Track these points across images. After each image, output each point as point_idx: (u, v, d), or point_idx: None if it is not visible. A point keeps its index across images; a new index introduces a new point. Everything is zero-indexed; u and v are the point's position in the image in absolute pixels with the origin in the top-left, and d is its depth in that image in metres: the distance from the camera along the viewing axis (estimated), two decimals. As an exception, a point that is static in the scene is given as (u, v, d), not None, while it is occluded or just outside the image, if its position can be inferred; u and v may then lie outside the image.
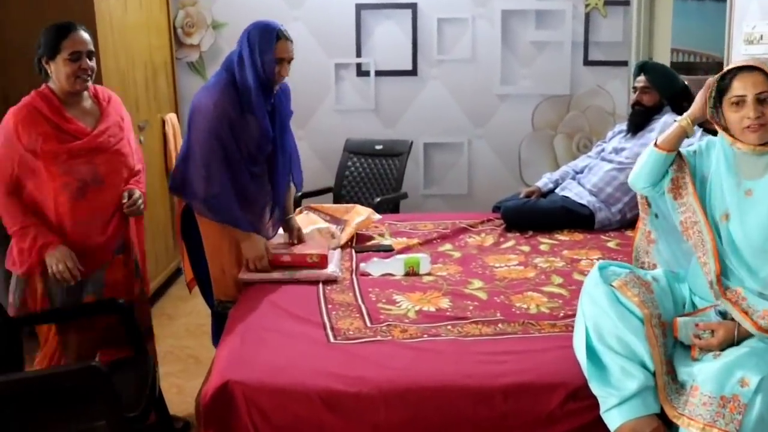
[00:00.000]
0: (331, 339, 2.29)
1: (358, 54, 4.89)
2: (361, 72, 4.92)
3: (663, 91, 3.62)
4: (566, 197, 3.69)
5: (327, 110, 4.95)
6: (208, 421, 2.01)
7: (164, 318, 4.05)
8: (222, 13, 4.80)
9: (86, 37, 2.55)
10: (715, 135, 2.27)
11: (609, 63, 4.94)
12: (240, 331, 2.33)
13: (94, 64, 2.59)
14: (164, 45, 4.55)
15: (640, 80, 3.65)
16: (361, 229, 3.50)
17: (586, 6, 4.85)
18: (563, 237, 3.45)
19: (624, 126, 3.83)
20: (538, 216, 3.59)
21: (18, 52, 3.51)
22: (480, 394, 2.00)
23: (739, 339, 1.97)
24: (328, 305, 2.58)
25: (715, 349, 1.97)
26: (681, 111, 3.61)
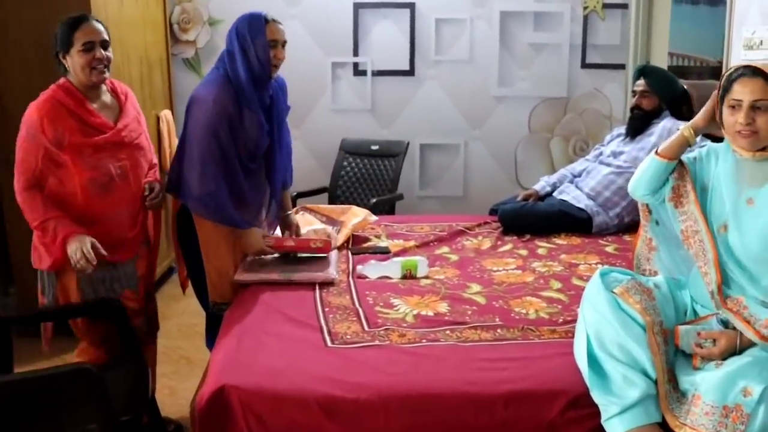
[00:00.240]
0: (329, 343, 2.26)
1: (355, 53, 4.86)
2: (357, 71, 4.89)
3: (662, 96, 3.61)
4: (564, 201, 3.67)
5: (323, 109, 4.92)
6: (203, 427, 1.97)
7: (156, 317, 4.00)
8: (218, 9, 4.75)
9: (99, 27, 2.52)
10: (715, 141, 2.25)
11: (606, 66, 4.93)
12: (236, 334, 2.30)
13: (111, 53, 2.56)
14: (160, 41, 4.51)
15: (640, 84, 3.64)
16: (357, 231, 3.48)
17: (585, 8, 4.84)
18: (561, 241, 3.43)
19: (622, 129, 3.82)
20: (535, 219, 3.56)
21: (15, 49, 3.48)
22: (481, 401, 1.97)
23: (741, 348, 1.94)
24: (325, 308, 2.55)
25: (716, 358, 1.95)
26: (680, 115, 3.63)
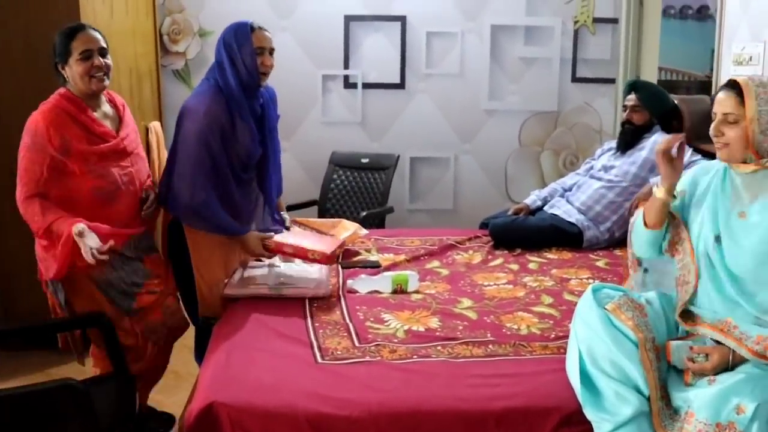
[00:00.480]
0: (319, 359, 2.23)
1: (346, 66, 4.85)
2: (348, 84, 4.88)
3: (653, 110, 3.62)
4: (555, 215, 3.67)
5: (313, 122, 4.90)
6: (192, 443, 1.94)
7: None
8: (209, 21, 4.73)
9: (95, 35, 2.53)
10: (705, 156, 2.26)
11: (597, 80, 4.93)
12: (225, 350, 2.27)
13: (110, 61, 2.56)
14: (150, 52, 4.48)
15: (631, 99, 3.64)
16: (347, 245, 3.45)
17: (575, 23, 4.85)
18: (552, 255, 3.42)
19: (613, 143, 3.82)
20: (526, 233, 3.56)
21: (4, 59, 3.44)
22: (472, 418, 1.95)
23: (733, 364, 1.93)
24: (315, 323, 2.52)
25: (709, 373, 1.94)
26: (670, 130, 3.63)
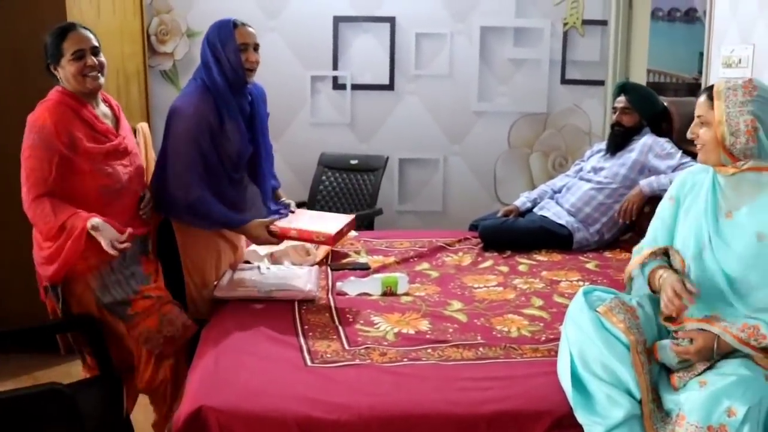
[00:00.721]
0: (308, 362, 2.21)
1: (335, 67, 4.83)
2: (337, 85, 4.85)
3: (643, 112, 3.62)
4: (545, 217, 3.66)
5: (302, 123, 4.87)
6: (181, 448, 1.92)
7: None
8: (197, 21, 4.69)
9: (87, 34, 2.48)
10: (695, 158, 2.26)
11: (586, 82, 4.94)
12: (213, 353, 2.24)
13: (104, 59, 2.52)
14: (137, 52, 4.44)
15: (620, 101, 3.65)
16: (336, 247, 3.43)
17: (565, 25, 4.85)
18: (542, 257, 3.41)
19: (603, 145, 3.82)
20: (516, 235, 3.55)
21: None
22: (463, 422, 1.94)
23: (718, 352, 1.94)
24: (305, 326, 2.50)
25: (692, 357, 1.95)
26: (660, 132, 3.64)
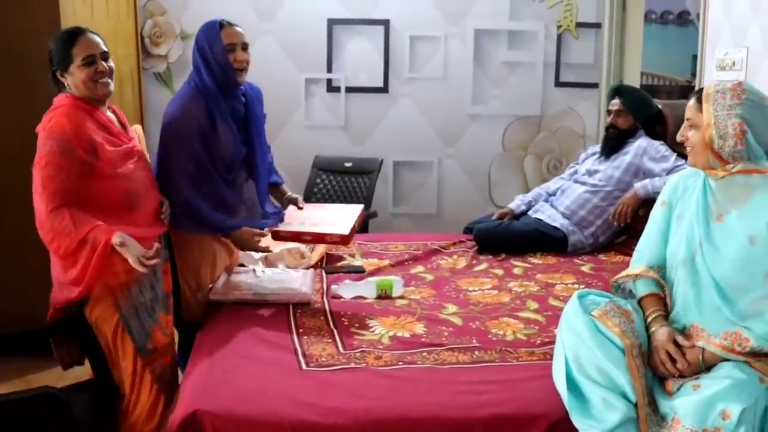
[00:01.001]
0: (303, 366, 2.20)
1: (329, 69, 4.82)
2: (331, 88, 4.85)
3: (637, 115, 3.63)
4: (539, 220, 3.66)
5: (296, 126, 4.87)
6: (176, 453, 1.91)
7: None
8: (191, 23, 4.67)
9: (96, 39, 2.39)
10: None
11: (580, 85, 4.95)
12: (208, 357, 2.23)
13: (113, 64, 2.43)
14: (131, 54, 4.43)
15: (615, 103, 3.65)
16: (331, 250, 3.43)
17: (558, 27, 4.86)
18: (536, 260, 3.41)
19: (597, 148, 3.83)
20: (511, 238, 3.55)
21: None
22: (460, 426, 1.93)
23: (705, 365, 1.95)
24: (300, 329, 2.49)
25: (685, 373, 1.96)
26: (654, 135, 3.65)
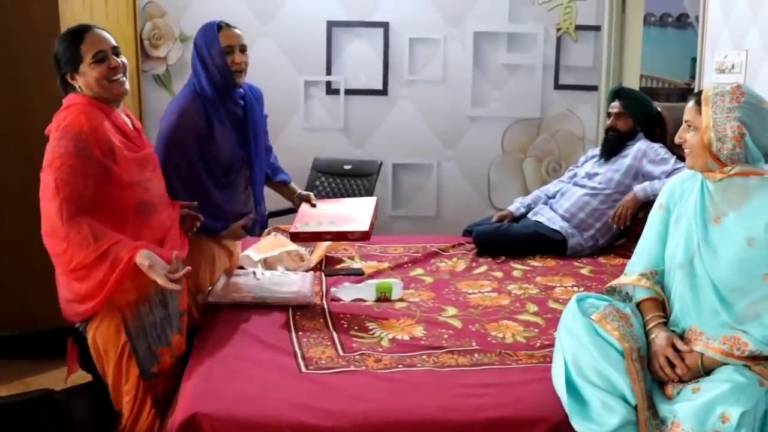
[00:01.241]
0: (303, 369, 2.20)
1: (329, 72, 4.82)
2: (330, 90, 4.85)
3: (637, 118, 3.63)
4: (539, 222, 3.66)
5: (295, 128, 4.86)
6: (175, 456, 1.90)
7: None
8: (190, 26, 4.66)
9: (104, 34, 2.26)
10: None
11: (579, 87, 4.94)
12: (207, 360, 2.23)
13: (126, 60, 2.30)
14: (130, 56, 4.40)
15: (615, 106, 3.65)
16: (330, 252, 3.43)
17: (558, 30, 4.86)
18: (536, 263, 3.41)
19: (597, 150, 3.83)
20: (510, 241, 3.54)
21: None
22: (459, 429, 1.92)
23: (704, 370, 1.95)
24: (299, 332, 2.49)
25: (684, 378, 1.96)
26: (654, 137, 3.65)
